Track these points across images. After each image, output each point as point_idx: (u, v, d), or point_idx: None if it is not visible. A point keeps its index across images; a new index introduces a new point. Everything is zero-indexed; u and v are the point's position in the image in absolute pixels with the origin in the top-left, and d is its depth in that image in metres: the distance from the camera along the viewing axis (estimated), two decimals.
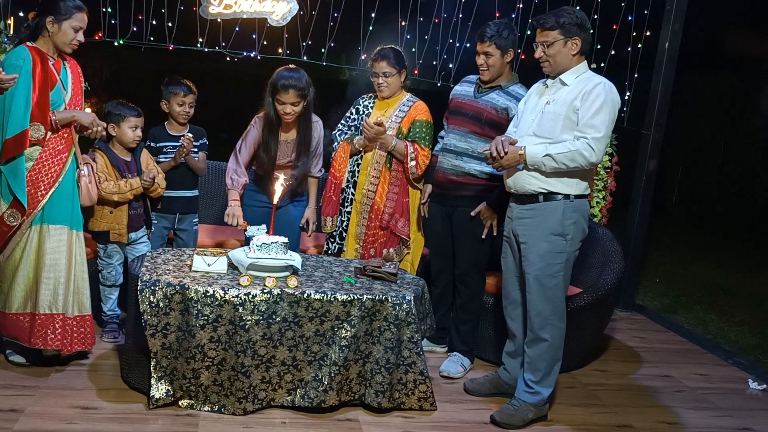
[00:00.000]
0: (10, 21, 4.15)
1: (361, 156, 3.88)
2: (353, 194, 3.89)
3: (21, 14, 4.13)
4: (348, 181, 3.90)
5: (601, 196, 4.95)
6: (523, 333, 3.31)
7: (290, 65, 3.64)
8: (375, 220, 3.83)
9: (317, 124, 3.76)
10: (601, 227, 4.40)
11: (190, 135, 3.79)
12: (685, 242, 8.13)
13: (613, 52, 5.07)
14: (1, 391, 3.05)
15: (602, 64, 4.95)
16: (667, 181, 9.79)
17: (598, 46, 4.94)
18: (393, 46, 3.89)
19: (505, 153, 3.10)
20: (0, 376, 3.17)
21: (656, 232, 7.37)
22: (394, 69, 3.77)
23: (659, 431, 3.33)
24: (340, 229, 3.93)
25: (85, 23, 3.17)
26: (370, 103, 3.93)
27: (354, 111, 3.97)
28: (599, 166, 4.92)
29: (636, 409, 3.54)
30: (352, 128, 3.95)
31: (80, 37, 3.17)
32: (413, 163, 3.76)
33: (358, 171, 3.87)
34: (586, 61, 3.22)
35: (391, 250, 3.84)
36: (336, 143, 3.93)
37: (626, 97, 5.09)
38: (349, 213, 3.91)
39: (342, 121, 4.00)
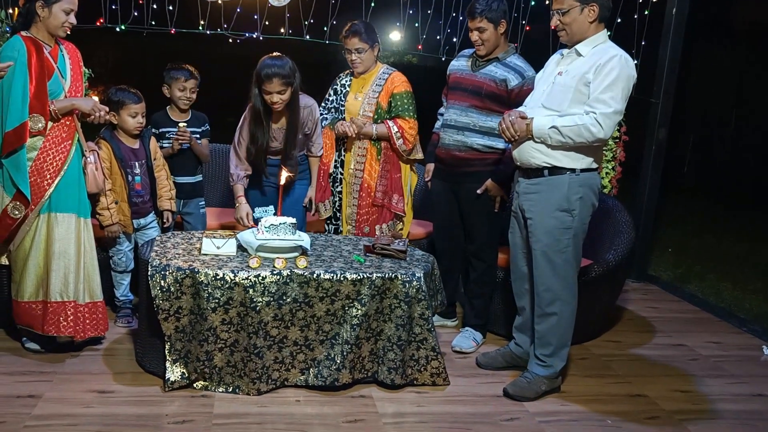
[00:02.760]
0: (11, 11, 4.14)
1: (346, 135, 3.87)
2: (342, 174, 3.89)
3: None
4: (335, 161, 3.90)
5: (610, 167, 4.90)
6: (531, 307, 3.30)
7: (273, 53, 3.59)
8: (366, 198, 3.83)
9: (311, 108, 3.72)
10: (611, 198, 4.37)
11: (183, 124, 3.79)
12: (698, 212, 8.07)
13: (619, 20, 4.99)
14: (19, 377, 3.09)
15: (608, 33, 4.88)
16: (679, 150, 9.70)
17: None
18: (363, 20, 3.85)
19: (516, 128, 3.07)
20: (17, 363, 3.21)
21: (668, 202, 7.32)
22: (366, 44, 3.74)
23: (673, 399, 3.33)
24: (334, 209, 3.94)
25: (75, 5, 3.12)
26: (347, 81, 3.91)
27: (332, 92, 3.95)
28: None
29: (650, 379, 3.54)
30: (332, 110, 3.93)
31: (72, 19, 3.11)
32: (400, 141, 3.75)
33: (344, 150, 3.87)
34: (605, 29, 3.12)
35: (384, 226, 3.84)
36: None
37: (634, 66, 5.01)
38: (340, 193, 3.92)
39: (322, 104, 3.96)
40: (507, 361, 3.48)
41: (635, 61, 4.97)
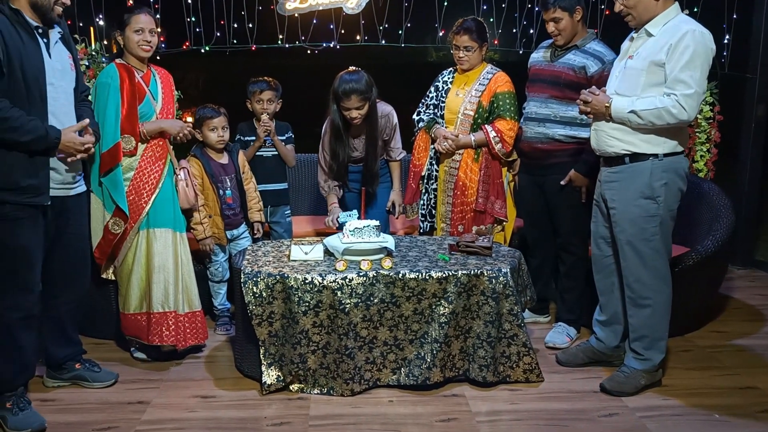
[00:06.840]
0: (105, 42, 4.42)
1: None
2: (437, 171, 3.87)
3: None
4: (431, 157, 3.87)
5: (705, 149, 4.67)
6: (618, 300, 3.20)
7: (350, 68, 3.64)
8: (461, 196, 3.78)
9: (389, 115, 3.75)
10: (707, 181, 4.16)
11: (266, 116, 3.89)
12: None
13: None
14: (129, 385, 3.27)
15: (695, 9, 4.66)
16: None
17: None
18: (475, 17, 3.81)
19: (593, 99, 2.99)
20: (126, 371, 3.40)
21: None
22: (475, 43, 3.69)
23: None
24: (429, 206, 3.92)
25: (143, 23, 3.27)
26: (449, 78, 3.86)
27: (433, 89, 3.90)
28: (701, 117, 4.65)
29: (760, 370, 3.35)
30: (431, 107, 3.90)
31: (146, 36, 3.28)
32: (499, 145, 3.67)
33: (440, 154, 3.84)
34: (676, 2, 2.96)
35: (483, 227, 3.79)
36: (416, 129, 3.91)
37: (725, 41, 4.77)
38: (435, 191, 3.89)
39: (421, 101, 3.94)
40: (588, 357, 3.37)
41: (727, 37, 4.73)
